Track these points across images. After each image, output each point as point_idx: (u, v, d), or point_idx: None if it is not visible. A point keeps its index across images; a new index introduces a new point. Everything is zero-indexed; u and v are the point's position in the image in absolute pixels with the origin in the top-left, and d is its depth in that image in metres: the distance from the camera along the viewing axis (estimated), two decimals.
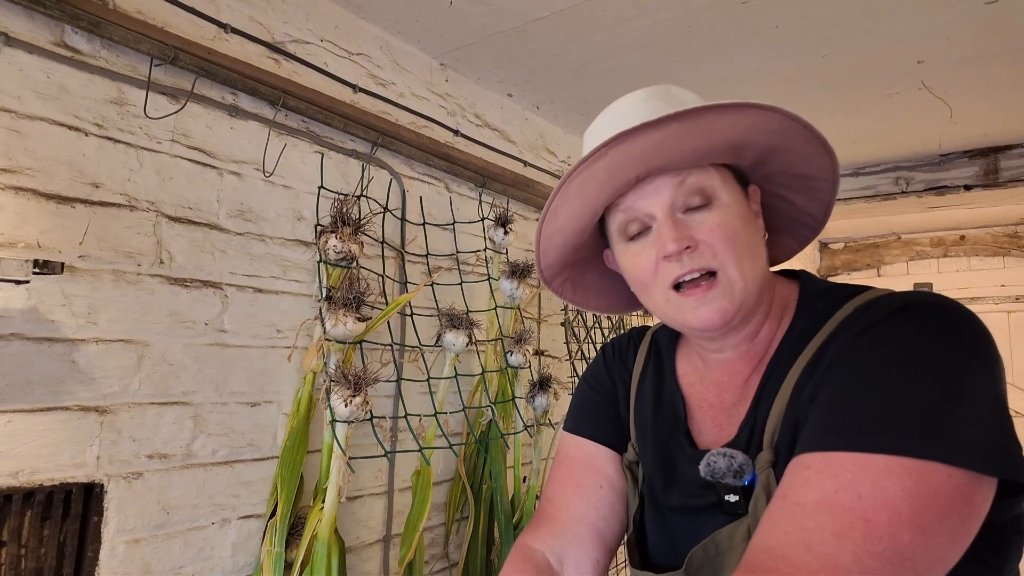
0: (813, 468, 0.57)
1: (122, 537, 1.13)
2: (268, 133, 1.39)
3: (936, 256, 4.46)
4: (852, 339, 0.62)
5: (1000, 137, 2.48)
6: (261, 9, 1.41)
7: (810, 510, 0.54)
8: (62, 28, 1.10)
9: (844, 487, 0.54)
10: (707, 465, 0.68)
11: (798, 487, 0.57)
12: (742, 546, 0.65)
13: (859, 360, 0.60)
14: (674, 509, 0.76)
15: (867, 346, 0.61)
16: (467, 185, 1.90)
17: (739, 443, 0.69)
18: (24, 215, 1.04)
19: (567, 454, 0.89)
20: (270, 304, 1.37)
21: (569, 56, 1.80)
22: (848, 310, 0.66)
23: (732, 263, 0.69)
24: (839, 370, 0.61)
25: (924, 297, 0.62)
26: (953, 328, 0.59)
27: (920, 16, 1.60)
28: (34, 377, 1.04)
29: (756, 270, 0.71)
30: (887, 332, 0.61)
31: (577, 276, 0.87)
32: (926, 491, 0.52)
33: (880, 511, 0.52)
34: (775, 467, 0.65)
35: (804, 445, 0.59)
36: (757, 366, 0.74)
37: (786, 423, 0.65)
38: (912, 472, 0.53)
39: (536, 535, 0.83)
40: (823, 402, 0.61)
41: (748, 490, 0.67)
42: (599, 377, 0.92)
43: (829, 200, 0.76)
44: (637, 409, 0.85)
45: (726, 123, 0.66)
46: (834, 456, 0.56)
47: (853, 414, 0.57)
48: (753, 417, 0.70)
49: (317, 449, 1.40)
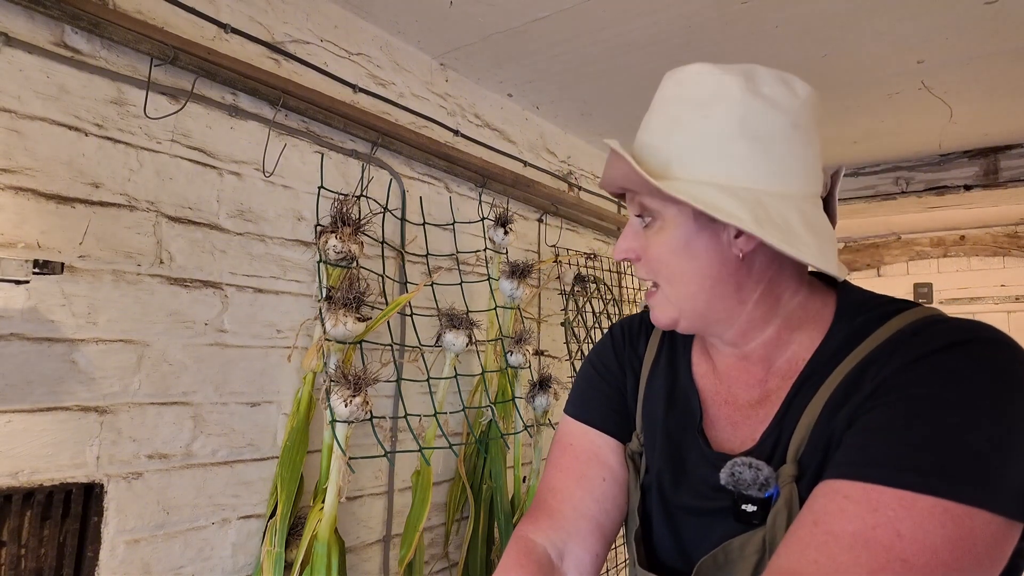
0: (852, 499, 0.55)
1: (122, 537, 1.13)
2: (268, 133, 1.39)
3: (936, 256, 4.46)
4: (902, 367, 0.60)
5: (1000, 137, 2.48)
6: (261, 9, 1.41)
7: (845, 543, 0.53)
8: (62, 28, 1.10)
9: (883, 524, 0.53)
10: (731, 475, 0.67)
11: (833, 516, 0.56)
12: (754, 558, 0.64)
13: (910, 393, 0.58)
14: (683, 508, 0.74)
15: (919, 378, 0.59)
16: (467, 185, 1.90)
17: (762, 452, 0.68)
18: (24, 215, 1.04)
19: (570, 442, 0.87)
20: (270, 304, 1.37)
21: (569, 56, 1.80)
22: (893, 328, 0.64)
23: (664, 282, 0.73)
24: (886, 399, 0.59)
25: (979, 331, 0.60)
26: (1008, 370, 0.58)
27: (920, 16, 1.60)
28: (34, 377, 1.04)
29: (692, 295, 0.72)
30: (942, 367, 0.58)
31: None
32: (967, 537, 0.52)
33: (919, 554, 0.51)
34: (799, 481, 0.64)
35: (840, 471, 0.58)
36: (773, 369, 0.73)
37: (815, 439, 0.64)
38: (956, 517, 0.52)
39: (537, 527, 0.81)
40: (866, 430, 0.59)
41: (766, 501, 0.65)
42: (607, 362, 0.90)
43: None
44: (647, 400, 0.84)
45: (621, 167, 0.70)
46: (875, 489, 0.55)
47: (900, 449, 0.56)
48: (779, 427, 0.68)
49: (317, 449, 1.40)
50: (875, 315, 0.67)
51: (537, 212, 2.19)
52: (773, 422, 0.69)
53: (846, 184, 2.89)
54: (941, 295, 4.42)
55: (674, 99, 0.71)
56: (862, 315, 0.68)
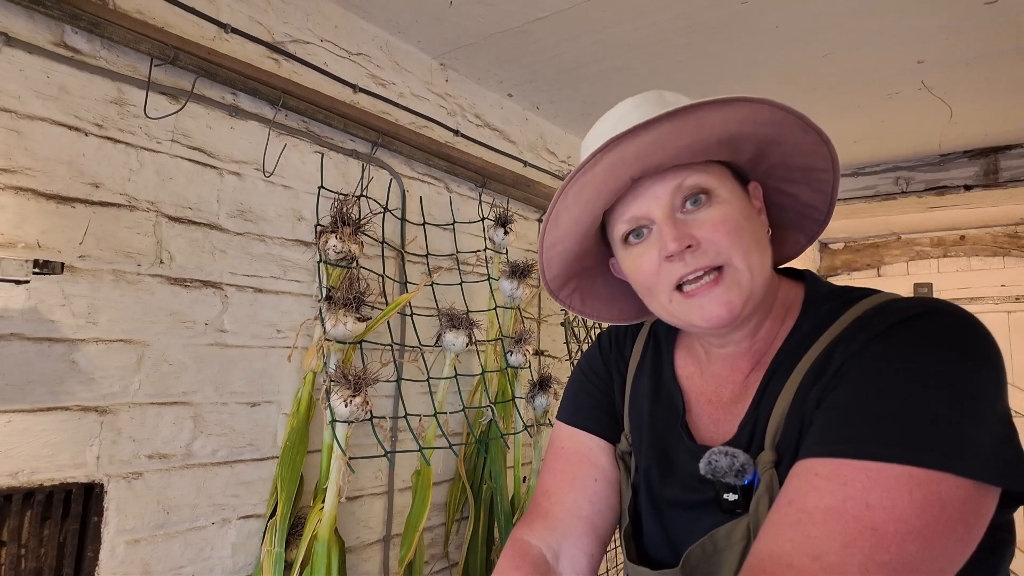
0: (822, 475, 0.56)
1: (122, 537, 1.13)
2: (268, 133, 1.39)
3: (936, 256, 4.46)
4: (863, 345, 0.62)
5: (1000, 137, 2.48)
6: (261, 9, 1.41)
7: (818, 518, 0.54)
8: (62, 28, 1.10)
9: (853, 496, 0.54)
10: (708, 464, 0.68)
11: (806, 493, 0.57)
12: (740, 545, 0.65)
13: (870, 367, 0.60)
14: (670, 503, 0.76)
15: (879, 353, 0.60)
16: (467, 185, 1.90)
17: (739, 441, 0.69)
18: (24, 215, 1.04)
19: (562, 446, 0.88)
20: (270, 304, 1.37)
21: (569, 56, 1.80)
22: (856, 313, 0.66)
23: (739, 256, 0.68)
24: (849, 376, 0.61)
25: (935, 305, 0.62)
26: (964, 338, 0.59)
27: (920, 16, 1.60)
28: (34, 377, 1.04)
29: (763, 264, 0.71)
30: (899, 340, 0.60)
31: (585, 286, 0.87)
32: (935, 502, 0.52)
33: (889, 522, 0.52)
34: (778, 467, 0.64)
35: (811, 450, 0.59)
36: (757, 364, 0.74)
37: (790, 424, 0.65)
38: (923, 483, 0.53)
39: (532, 529, 0.83)
40: (832, 407, 0.60)
41: (747, 489, 0.67)
42: (595, 366, 0.91)
43: (831, 191, 0.76)
44: (633, 400, 0.85)
45: (716, 118, 0.66)
46: (844, 464, 0.56)
47: (864, 422, 0.57)
48: (754, 416, 0.69)
49: (317, 449, 1.40)
50: (840, 302, 0.69)
51: (537, 212, 2.19)
52: (748, 412, 0.70)
53: (846, 184, 2.89)
54: (941, 295, 4.42)
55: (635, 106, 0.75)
56: (828, 303, 0.70)
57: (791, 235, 0.83)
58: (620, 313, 0.90)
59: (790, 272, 0.80)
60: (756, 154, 0.73)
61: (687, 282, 0.70)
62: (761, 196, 0.77)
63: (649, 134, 0.66)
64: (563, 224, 0.76)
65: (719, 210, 0.69)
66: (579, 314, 0.90)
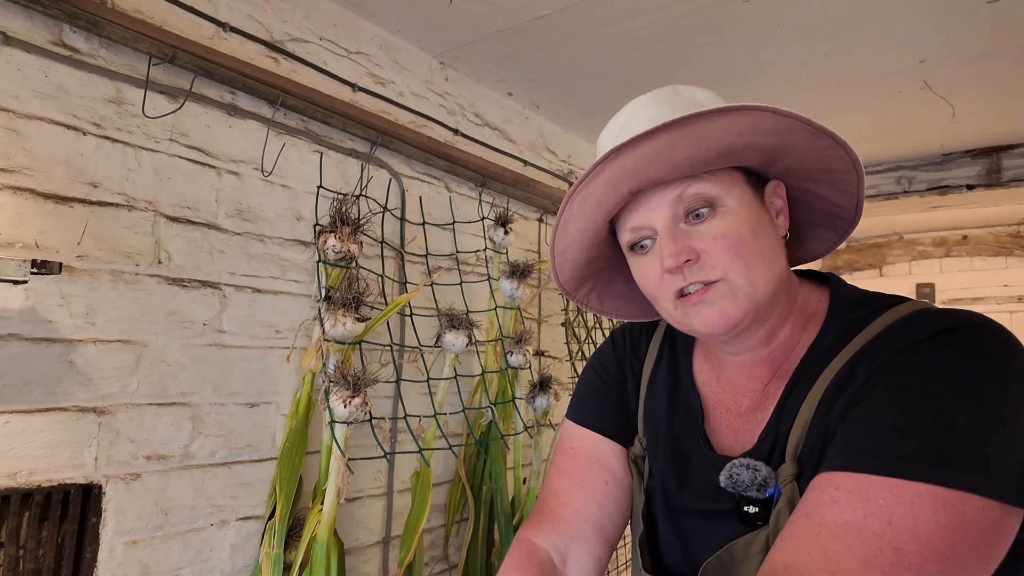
0: (843, 489, 0.55)
1: (120, 538, 1.13)
2: (267, 132, 1.38)
3: (938, 256, 4.45)
4: (891, 357, 0.60)
5: (1003, 137, 2.47)
6: (260, 8, 1.40)
7: (837, 533, 0.53)
8: (60, 27, 1.09)
9: (875, 512, 0.52)
10: (729, 477, 0.67)
11: (825, 507, 0.55)
12: (758, 557, 0.64)
13: (898, 381, 0.58)
14: (687, 512, 0.74)
15: (908, 367, 0.59)
16: (467, 185, 1.90)
17: (760, 452, 0.68)
18: (22, 215, 1.04)
19: (572, 446, 0.87)
20: (269, 304, 1.37)
21: (569, 55, 1.79)
22: (885, 323, 0.64)
23: (738, 270, 0.67)
24: (876, 389, 0.59)
25: (967, 318, 0.60)
26: (995, 353, 0.57)
27: (922, 15, 1.59)
28: (32, 377, 1.04)
29: (769, 275, 0.68)
30: (929, 354, 0.58)
31: (602, 286, 0.86)
32: (959, 523, 0.51)
33: (911, 541, 0.51)
34: (799, 480, 0.63)
35: (833, 462, 0.58)
36: (778, 372, 0.72)
37: (812, 435, 0.63)
38: (947, 502, 0.51)
39: (539, 530, 0.81)
40: (856, 420, 0.59)
41: (768, 501, 0.65)
42: (607, 366, 0.89)
43: (857, 192, 0.72)
44: (648, 403, 0.83)
45: (716, 128, 0.64)
46: (866, 479, 0.54)
47: (889, 437, 0.55)
48: (776, 426, 0.68)
49: (316, 450, 1.40)
50: (867, 311, 0.67)
51: (537, 212, 2.18)
52: (770, 422, 0.69)
53: None
54: (944, 295, 4.41)
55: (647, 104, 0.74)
56: (855, 311, 0.68)
57: (821, 232, 0.80)
58: (640, 311, 0.89)
59: (813, 274, 0.77)
60: (766, 159, 0.71)
61: (687, 290, 0.69)
62: (784, 194, 0.74)
63: (648, 145, 0.65)
64: (570, 232, 0.76)
65: (722, 222, 0.67)
66: (598, 313, 0.89)
